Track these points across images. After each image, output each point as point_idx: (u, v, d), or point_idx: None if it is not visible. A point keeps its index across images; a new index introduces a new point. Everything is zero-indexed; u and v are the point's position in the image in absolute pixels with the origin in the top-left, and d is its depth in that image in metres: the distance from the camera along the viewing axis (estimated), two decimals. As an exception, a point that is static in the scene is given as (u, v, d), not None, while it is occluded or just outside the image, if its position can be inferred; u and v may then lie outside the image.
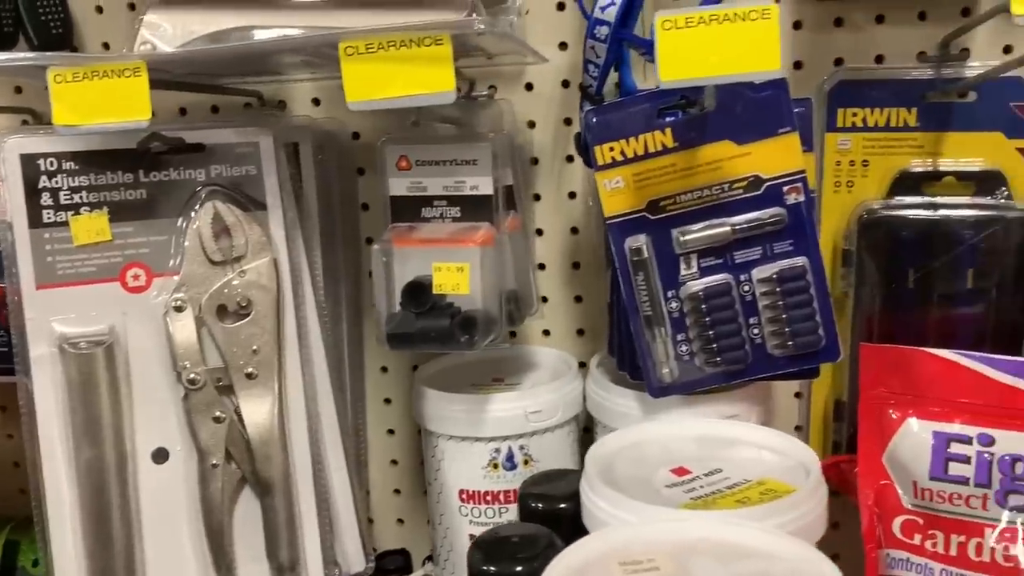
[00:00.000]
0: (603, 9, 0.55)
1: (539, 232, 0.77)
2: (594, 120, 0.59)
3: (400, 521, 0.85)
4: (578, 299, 0.78)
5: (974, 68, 0.67)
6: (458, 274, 0.56)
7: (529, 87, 0.74)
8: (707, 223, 0.59)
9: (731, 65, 0.48)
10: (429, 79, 0.49)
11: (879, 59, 0.69)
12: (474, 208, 0.60)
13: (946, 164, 0.68)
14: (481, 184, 0.60)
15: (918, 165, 0.68)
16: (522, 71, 0.73)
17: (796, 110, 0.59)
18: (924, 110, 0.68)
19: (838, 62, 0.70)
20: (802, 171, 0.58)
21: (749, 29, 0.47)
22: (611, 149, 0.59)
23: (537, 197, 0.76)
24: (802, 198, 0.59)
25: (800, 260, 0.59)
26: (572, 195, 0.75)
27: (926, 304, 0.68)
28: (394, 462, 0.84)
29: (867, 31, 0.69)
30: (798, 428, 0.77)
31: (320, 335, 0.66)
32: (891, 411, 0.63)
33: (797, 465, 0.54)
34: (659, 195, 0.59)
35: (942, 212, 0.66)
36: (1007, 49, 0.68)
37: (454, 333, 0.57)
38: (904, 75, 0.68)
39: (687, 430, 0.59)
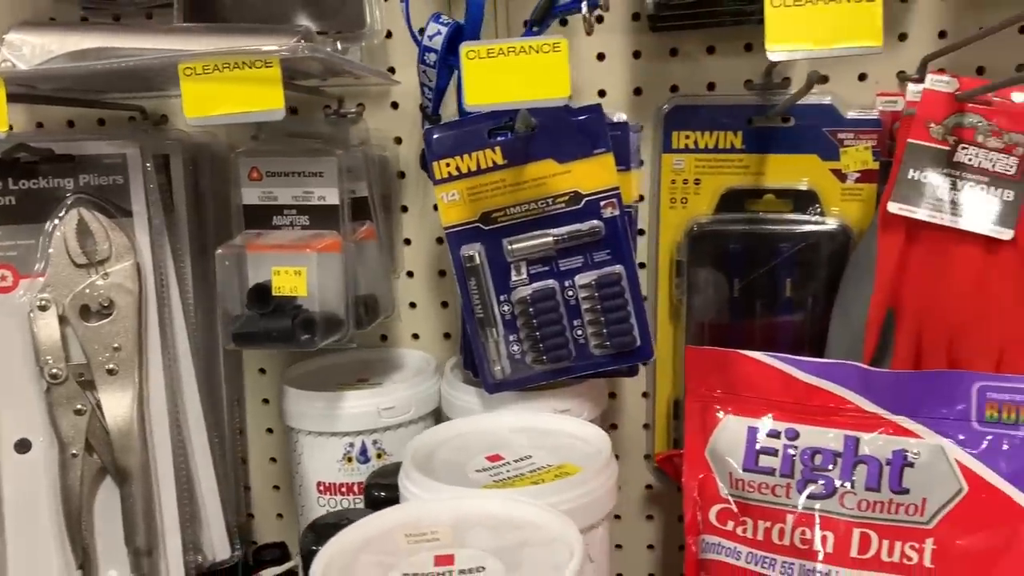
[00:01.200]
0: (431, 37, 0.60)
1: (407, 242, 0.82)
2: (432, 138, 0.64)
3: (280, 516, 0.89)
4: (444, 304, 0.83)
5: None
6: (296, 277, 0.61)
7: (395, 106, 0.79)
8: (532, 234, 0.64)
9: (527, 92, 0.54)
10: (260, 98, 0.55)
11: (710, 86, 0.76)
12: (322, 217, 0.65)
13: (768, 183, 0.74)
14: (328, 195, 0.65)
15: (743, 184, 0.74)
16: (388, 91, 0.78)
17: (613, 133, 0.65)
18: (749, 134, 0.74)
19: (674, 89, 0.76)
20: (616, 188, 0.64)
21: (542, 60, 0.53)
22: (447, 165, 0.64)
23: (405, 209, 0.81)
24: (617, 212, 0.64)
25: (617, 268, 0.65)
26: (436, 207, 0.80)
27: (750, 311, 0.74)
28: (273, 460, 0.88)
29: (699, 61, 0.75)
30: (646, 426, 0.83)
31: (186, 335, 0.71)
32: (712, 408, 0.69)
33: (597, 452, 0.60)
34: (491, 208, 0.65)
35: (761, 227, 0.73)
36: (824, 79, 0.74)
37: (295, 333, 0.62)
38: (732, 101, 0.74)
39: (511, 422, 0.65)
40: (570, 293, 0.65)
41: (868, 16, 0.50)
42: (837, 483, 0.64)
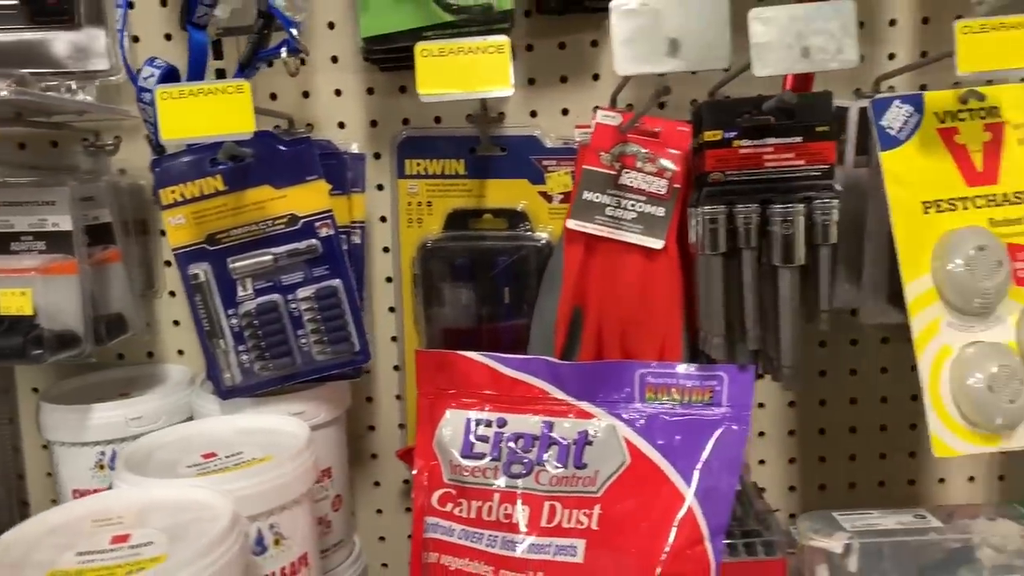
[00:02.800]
0: (145, 79, 0.67)
1: (168, 263, 0.88)
2: (157, 169, 0.71)
3: (58, 530, 0.93)
4: (208, 321, 0.89)
5: (509, 127, 0.84)
6: (21, 298, 0.66)
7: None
8: (253, 253, 0.72)
9: (215, 127, 0.61)
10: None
11: (437, 119, 0.85)
12: (58, 242, 0.71)
13: (488, 204, 0.84)
14: (61, 222, 0.70)
15: (467, 205, 0.84)
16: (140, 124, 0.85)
17: (328, 162, 0.73)
18: (471, 161, 0.84)
19: (405, 121, 0.85)
20: (329, 210, 0.73)
21: (229, 100, 0.61)
22: (173, 191, 0.71)
23: (163, 232, 0.87)
24: (331, 232, 0.73)
25: (335, 282, 0.73)
26: (195, 231, 0.87)
27: (477, 316, 0.83)
28: (49, 475, 0.92)
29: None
30: (401, 426, 0.91)
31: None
32: (438, 404, 0.78)
33: (295, 443, 0.67)
34: (215, 230, 0.72)
35: (481, 243, 0.83)
36: (533, 113, 0.85)
37: (25, 349, 0.67)
38: (455, 133, 0.84)
39: (241, 425, 0.72)
40: (293, 305, 0.73)
41: (500, 67, 0.61)
42: (535, 464, 0.73)
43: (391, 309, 0.89)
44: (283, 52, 0.67)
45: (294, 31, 0.67)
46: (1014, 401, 0.61)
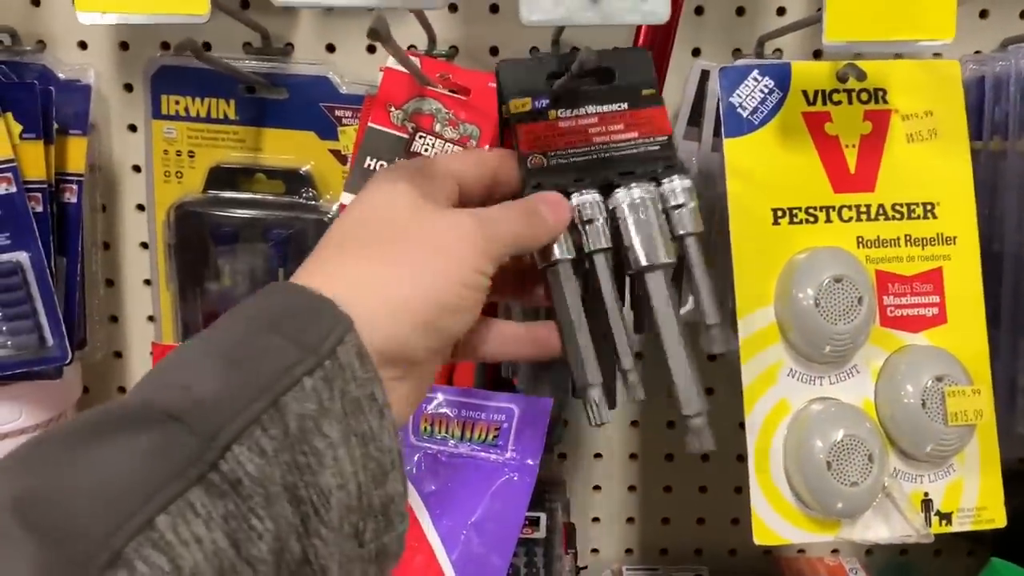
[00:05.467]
0: None
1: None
2: None
3: None
4: None
5: (298, 64, 0.66)
6: None
7: None
8: None
9: None
10: None
11: (207, 46, 0.67)
12: None
13: (265, 160, 0.66)
14: None
15: (238, 160, 0.66)
16: None
17: (18, 95, 0.55)
18: (243, 103, 0.66)
19: (165, 46, 0.66)
20: (11, 159, 0.54)
21: None
22: None
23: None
24: (14, 188, 0.55)
25: (17, 256, 0.55)
26: None
27: (237, 302, 0.66)
28: None
29: (193, 16, 0.66)
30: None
31: None
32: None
33: None
34: None
35: (246, 211, 0.65)
36: (331, 48, 0.67)
37: None
38: (227, 66, 0.65)
39: None
40: (-41, 284, 0.55)
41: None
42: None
43: (147, 282, 0.71)
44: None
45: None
46: (858, 484, 0.46)
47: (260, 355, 0.31)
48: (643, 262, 0.44)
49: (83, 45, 0.67)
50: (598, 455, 0.75)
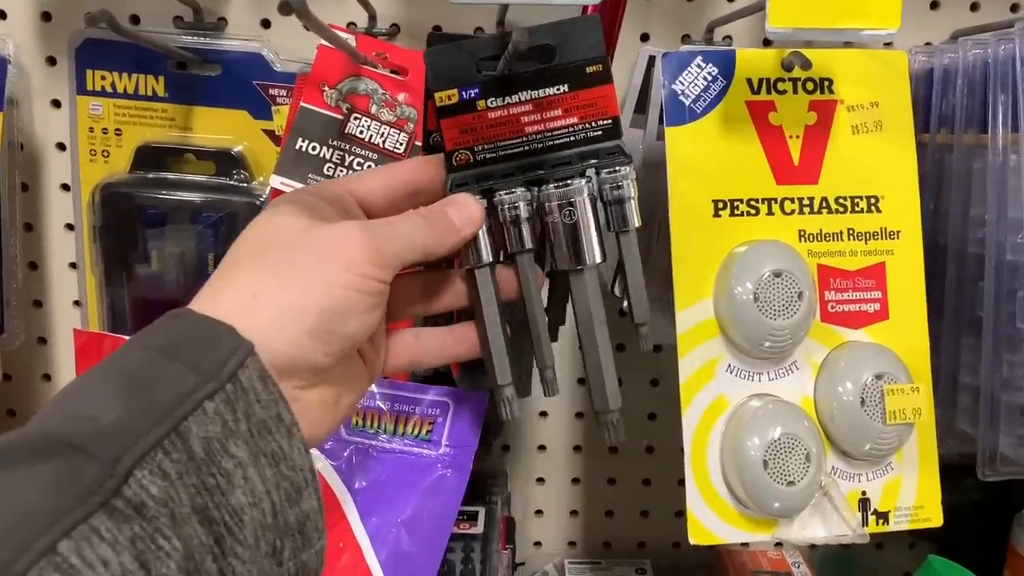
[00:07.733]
0: None
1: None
2: None
3: None
4: None
5: (231, 39, 0.63)
6: None
7: None
8: None
9: None
10: None
11: (134, 19, 0.64)
12: None
13: (195, 140, 0.63)
14: None
15: (167, 139, 0.63)
16: None
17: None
18: (173, 80, 0.63)
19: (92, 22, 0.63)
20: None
21: None
22: None
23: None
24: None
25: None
26: None
27: (172, 287, 0.64)
28: None
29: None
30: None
31: None
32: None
33: None
34: None
35: (172, 193, 0.62)
36: (266, 23, 0.64)
37: None
38: (154, 40, 0.62)
39: None
40: None
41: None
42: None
43: (72, 265, 0.68)
44: None
45: None
46: (794, 483, 0.45)
47: (160, 383, 0.31)
48: (567, 265, 0.43)
49: (2, 15, 0.63)
50: (542, 447, 0.73)
